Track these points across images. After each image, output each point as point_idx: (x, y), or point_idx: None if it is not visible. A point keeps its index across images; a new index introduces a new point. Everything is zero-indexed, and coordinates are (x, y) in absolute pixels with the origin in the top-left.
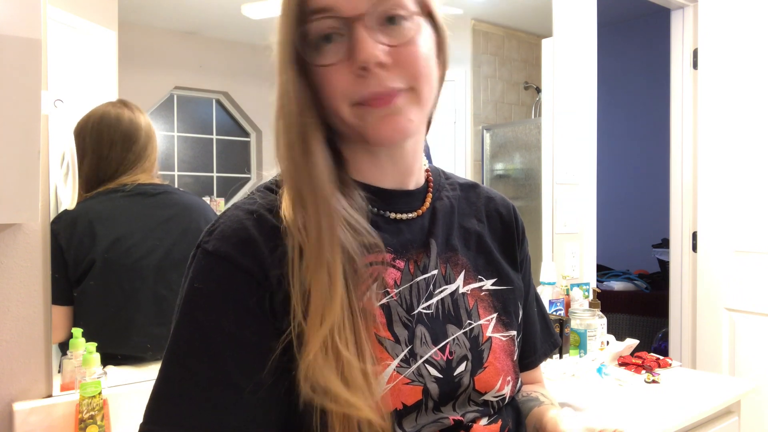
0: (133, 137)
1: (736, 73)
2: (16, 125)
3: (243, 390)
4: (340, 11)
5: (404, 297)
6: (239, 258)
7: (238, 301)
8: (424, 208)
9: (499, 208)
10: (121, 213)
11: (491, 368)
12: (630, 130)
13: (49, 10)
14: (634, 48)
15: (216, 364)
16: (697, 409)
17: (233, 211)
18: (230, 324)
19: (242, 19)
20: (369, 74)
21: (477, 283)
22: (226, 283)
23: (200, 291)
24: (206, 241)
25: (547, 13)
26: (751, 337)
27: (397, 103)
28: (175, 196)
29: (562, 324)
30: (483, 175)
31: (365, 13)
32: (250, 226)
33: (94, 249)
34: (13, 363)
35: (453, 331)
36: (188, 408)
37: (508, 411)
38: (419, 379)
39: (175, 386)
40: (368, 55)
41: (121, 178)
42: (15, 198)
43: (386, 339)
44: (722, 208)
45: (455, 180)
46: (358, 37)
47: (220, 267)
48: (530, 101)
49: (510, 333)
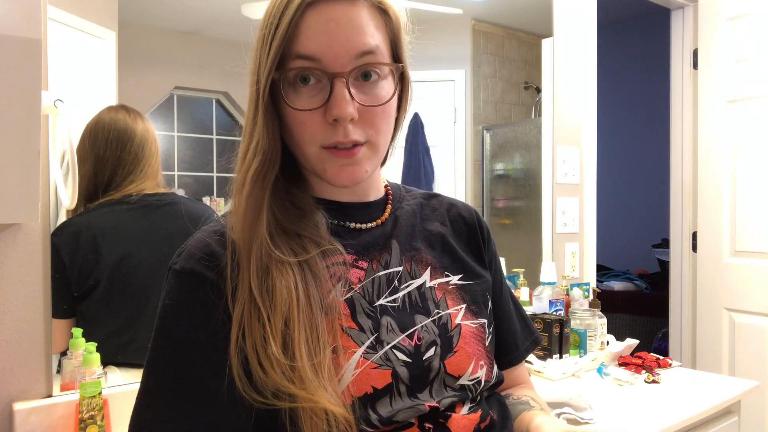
0: (128, 135)
1: (736, 73)
2: (16, 125)
3: (217, 392)
4: (324, 65)
5: (366, 290)
6: (203, 271)
7: (205, 311)
8: (384, 217)
9: (462, 213)
10: (127, 228)
11: (461, 352)
12: (630, 130)
13: (49, 10)
14: (634, 48)
15: (190, 372)
16: (697, 409)
17: (199, 234)
18: (199, 333)
19: (242, 19)
20: (338, 126)
21: (444, 278)
22: (193, 296)
23: (170, 307)
24: (175, 263)
25: (547, 13)
26: (751, 337)
27: (357, 155)
28: (181, 207)
29: (562, 324)
30: (483, 175)
31: (347, 72)
32: (213, 242)
33: (99, 267)
34: (13, 363)
35: (421, 320)
36: (167, 415)
37: (492, 403)
38: (387, 363)
39: (154, 396)
40: (344, 113)
41: (125, 186)
42: (15, 198)
43: (351, 329)
44: (722, 209)
45: (416, 192)
46: (336, 92)
47: (186, 283)
48: (530, 101)
49: (480, 321)
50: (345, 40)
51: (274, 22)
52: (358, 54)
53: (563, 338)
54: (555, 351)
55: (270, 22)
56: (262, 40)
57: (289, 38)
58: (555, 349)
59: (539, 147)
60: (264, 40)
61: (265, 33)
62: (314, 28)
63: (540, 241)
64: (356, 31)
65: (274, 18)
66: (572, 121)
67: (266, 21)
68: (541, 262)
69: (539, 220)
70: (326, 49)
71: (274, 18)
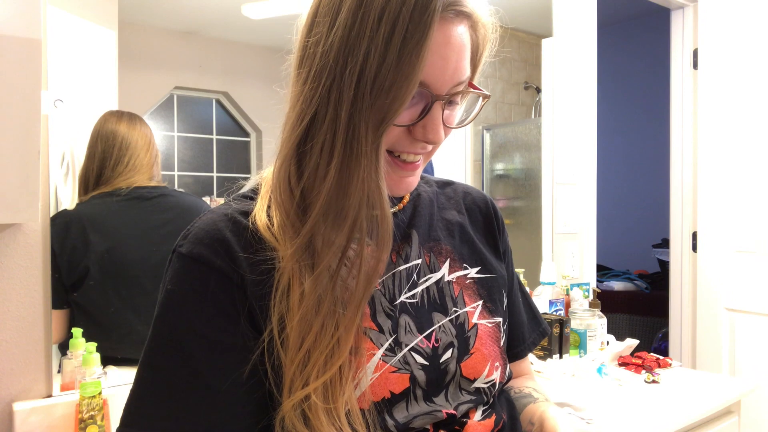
0: (112, 130)
1: (736, 73)
2: (16, 125)
3: (217, 391)
4: (428, 85)
5: (387, 287)
6: (213, 258)
7: (211, 302)
8: (404, 202)
9: (477, 201)
10: (116, 219)
11: (478, 354)
12: (630, 129)
13: (49, 10)
14: (634, 48)
15: (188, 366)
16: (697, 409)
17: (208, 216)
18: (203, 325)
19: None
20: (418, 143)
21: (462, 271)
22: (200, 285)
23: (173, 293)
24: (180, 245)
25: (547, 13)
26: (751, 337)
27: (418, 169)
28: (172, 199)
29: (562, 324)
30: (483, 175)
31: (443, 95)
32: (224, 227)
33: (88, 256)
34: (13, 363)
35: (439, 319)
36: (162, 410)
37: (502, 403)
38: (405, 367)
39: (149, 389)
40: (440, 139)
41: (115, 179)
42: (15, 198)
43: (371, 329)
44: (722, 208)
45: (430, 178)
46: (434, 115)
47: (193, 269)
48: (530, 101)
49: (496, 319)
50: (454, 68)
51: (396, 16)
52: (458, 83)
53: (563, 338)
54: (555, 351)
55: (392, 13)
56: (368, 26)
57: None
58: (555, 349)
59: (539, 147)
60: (371, 26)
61: (375, 19)
62: (433, 49)
63: (540, 241)
64: (462, 58)
65: (395, 11)
66: (572, 121)
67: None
68: (541, 262)
69: (539, 220)
70: (438, 74)
71: (395, 11)
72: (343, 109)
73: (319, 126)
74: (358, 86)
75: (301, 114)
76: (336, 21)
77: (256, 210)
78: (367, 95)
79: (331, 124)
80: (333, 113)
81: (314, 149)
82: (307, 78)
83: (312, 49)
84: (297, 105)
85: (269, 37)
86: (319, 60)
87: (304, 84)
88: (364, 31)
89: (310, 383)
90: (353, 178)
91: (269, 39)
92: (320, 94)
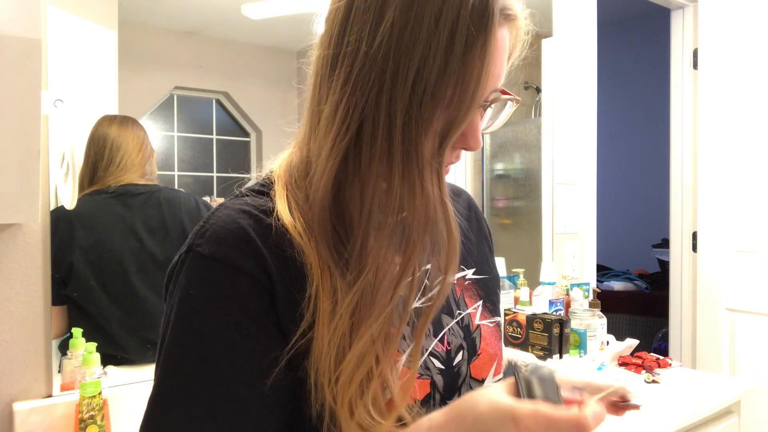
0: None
1: (736, 73)
2: (16, 125)
3: (245, 402)
4: None
5: None
6: (240, 260)
7: (240, 307)
8: None
9: (470, 201)
10: (102, 215)
11: (484, 354)
12: (630, 129)
13: (49, 10)
14: (634, 48)
15: (216, 376)
16: (697, 409)
17: (225, 211)
18: (231, 332)
19: (242, 19)
20: (457, 153)
21: (460, 272)
22: (227, 289)
23: (197, 298)
24: (198, 244)
25: (547, 13)
26: (751, 337)
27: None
28: (159, 195)
29: (562, 324)
30: (483, 175)
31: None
32: (247, 225)
33: (73, 252)
34: (13, 363)
35: (447, 321)
36: (186, 422)
37: None
38: (426, 373)
39: (173, 399)
40: (479, 145)
41: (106, 178)
42: (15, 198)
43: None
44: (722, 208)
45: None
46: (476, 123)
47: (218, 271)
48: (530, 101)
49: (496, 319)
50: (498, 74)
51: (455, 20)
52: (495, 88)
53: (563, 338)
54: (555, 351)
55: (450, 15)
56: (423, 28)
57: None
58: (555, 349)
59: (539, 147)
60: (427, 28)
61: (431, 21)
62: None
63: (540, 241)
64: (505, 63)
65: (453, 14)
66: (572, 121)
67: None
68: (541, 262)
69: (539, 220)
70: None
71: (453, 14)
72: (398, 118)
73: (369, 135)
74: (413, 94)
75: (346, 119)
76: (382, 19)
77: (279, 209)
78: (427, 103)
79: (386, 134)
80: (386, 121)
81: (363, 158)
82: (348, 79)
83: (352, 47)
84: (340, 109)
85: (269, 37)
86: (363, 61)
87: (345, 85)
88: (418, 33)
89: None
90: (415, 191)
91: (269, 39)
92: (369, 99)
